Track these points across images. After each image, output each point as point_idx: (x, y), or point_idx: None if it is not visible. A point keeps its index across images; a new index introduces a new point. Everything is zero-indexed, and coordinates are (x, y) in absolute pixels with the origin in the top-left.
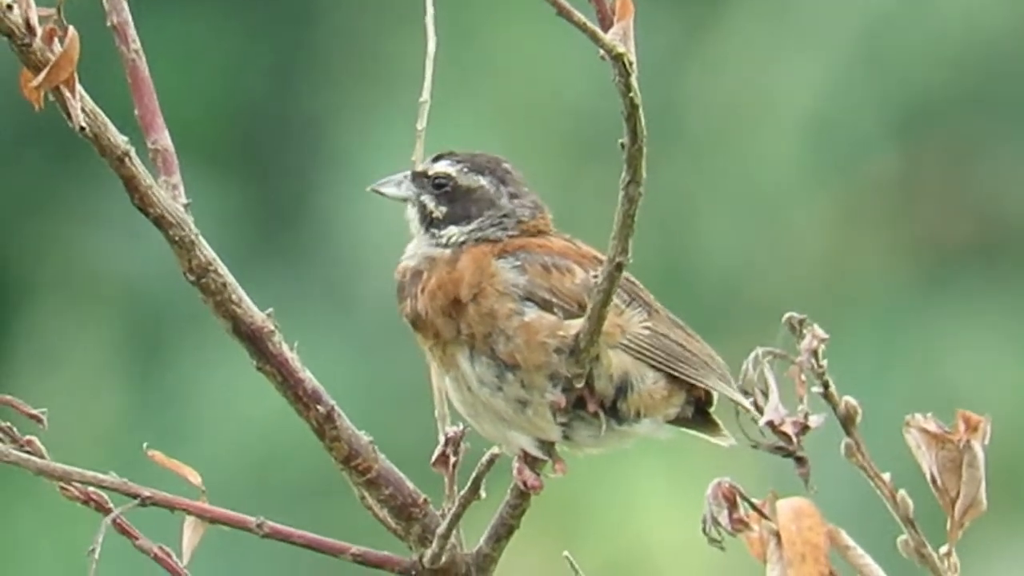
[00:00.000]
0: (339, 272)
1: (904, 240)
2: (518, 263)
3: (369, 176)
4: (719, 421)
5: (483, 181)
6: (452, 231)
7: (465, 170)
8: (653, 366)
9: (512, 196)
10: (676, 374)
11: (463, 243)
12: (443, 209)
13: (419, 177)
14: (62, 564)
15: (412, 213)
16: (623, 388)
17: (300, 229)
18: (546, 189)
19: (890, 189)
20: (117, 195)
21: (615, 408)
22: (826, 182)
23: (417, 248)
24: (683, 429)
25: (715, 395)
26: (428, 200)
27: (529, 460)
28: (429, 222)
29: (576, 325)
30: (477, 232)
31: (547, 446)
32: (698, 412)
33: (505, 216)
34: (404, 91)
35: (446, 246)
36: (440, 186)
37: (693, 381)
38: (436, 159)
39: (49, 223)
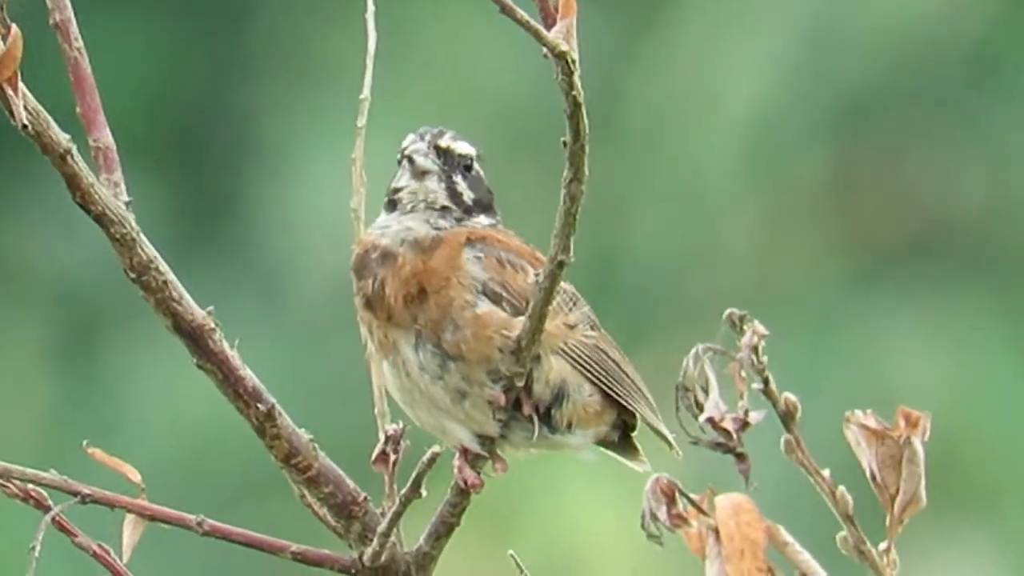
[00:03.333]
0: (273, 269)
1: (838, 238)
2: (480, 255)
3: (302, 173)
4: (639, 446)
5: (482, 173)
6: (482, 220)
7: (478, 155)
8: (590, 379)
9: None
10: (610, 392)
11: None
12: (471, 195)
13: (440, 152)
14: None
15: (431, 186)
16: (559, 396)
17: (233, 227)
18: None
19: (824, 187)
20: (53, 191)
21: (548, 415)
22: (760, 180)
23: (403, 226)
24: (605, 451)
25: (639, 421)
26: (459, 181)
27: (470, 458)
28: (458, 204)
29: (521, 324)
30: (493, 228)
31: (486, 443)
32: (622, 436)
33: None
34: (335, 88)
35: (445, 229)
36: (468, 168)
37: (624, 402)
38: (455, 138)
39: None
